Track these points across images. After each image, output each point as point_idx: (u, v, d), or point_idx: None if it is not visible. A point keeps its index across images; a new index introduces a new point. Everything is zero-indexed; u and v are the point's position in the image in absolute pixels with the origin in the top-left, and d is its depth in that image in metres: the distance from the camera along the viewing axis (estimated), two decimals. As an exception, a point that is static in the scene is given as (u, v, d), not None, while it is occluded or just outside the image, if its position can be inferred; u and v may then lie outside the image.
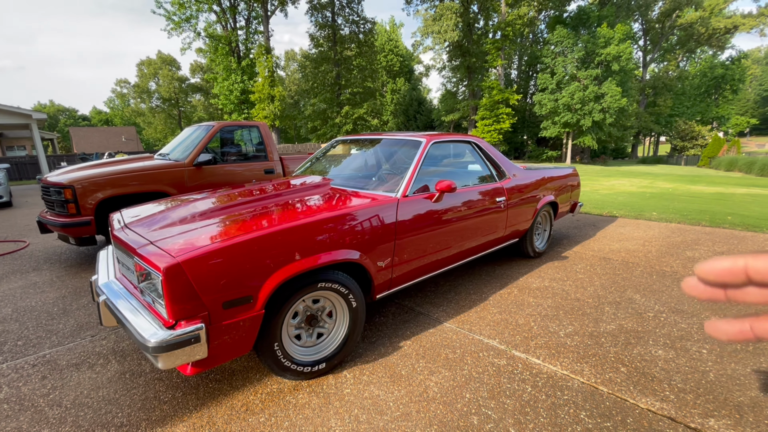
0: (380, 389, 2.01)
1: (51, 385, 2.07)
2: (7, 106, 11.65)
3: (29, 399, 1.96)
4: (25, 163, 20.00)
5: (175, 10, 25.62)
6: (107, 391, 2.02)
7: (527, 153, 35.43)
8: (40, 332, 2.65)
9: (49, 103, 60.52)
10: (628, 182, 13.04)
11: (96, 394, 2.00)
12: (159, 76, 48.81)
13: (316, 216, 2.01)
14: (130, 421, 1.80)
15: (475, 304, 3.00)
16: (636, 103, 31.31)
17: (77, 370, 2.20)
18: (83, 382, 2.09)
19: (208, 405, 1.91)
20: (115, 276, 2.13)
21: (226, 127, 4.97)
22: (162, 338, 1.50)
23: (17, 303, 3.14)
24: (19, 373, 2.18)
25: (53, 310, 3.00)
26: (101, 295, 1.94)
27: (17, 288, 3.48)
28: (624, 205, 7.39)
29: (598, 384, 2.02)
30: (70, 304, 3.09)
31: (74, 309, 3.00)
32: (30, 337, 2.58)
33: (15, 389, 2.04)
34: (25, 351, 2.41)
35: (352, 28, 27.65)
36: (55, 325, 2.75)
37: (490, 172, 3.36)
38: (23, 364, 2.27)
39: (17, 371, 2.20)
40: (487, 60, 29.08)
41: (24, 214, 7.84)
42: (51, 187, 3.91)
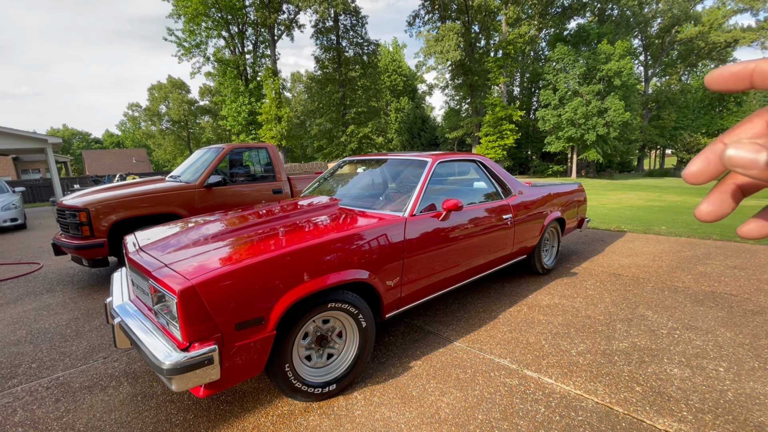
0: (391, 411, 2.00)
1: (64, 408, 2.09)
2: (25, 132, 12.04)
3: (43, 422, 1.98)
4: (39, 186, 20.48)
5: (186, 36, 26.55)
6: (119, 414, 2.02)
7: (532, 168, 35.48)
8: (54, 354, 2.68)
9: (62, 127, 62.31)
10: (635, 196, 12.97)
11: (108, 417, 2.01)
12: (169, 100, 50.19)
13: (325, 237, 2.05)
14: (142, 444, 1.80)
15: (484, 323, 2.98)
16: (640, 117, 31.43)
17: (90, 393, 2.22)
18: (96, 405, 2.10)
19: (220, 428, 1.91)
20: (129, 298, 2.16)
21: (235, 149, 5.09)
22: (176, 360, 1.52)
23: (31, 325, 3.19)
24: (33, 396, 2.20)
25: (66, 332, 3.03)
26: (116, 317, 1.97)
27: (31, 310, 3.53)
28: (632, 220, 7.35)
29: (613, 404, 1.99)
30: (83, 326, 3.13)
31: (87, 331, 3.04)
32: (44, 360, 2.61)
33: (29, 412, 2.06)
34: (39, 373, 2.44)
35: (357, 50, 28.36)
36: (68, 347, 2.78)
37: (495, 190, 3.39)
38: (37, 387, 2.29)
39: (31, 394, 2.22)
40: (490, 78, 29.52)
41: (38, 236, 7.99)
42: (66, 210, 4.01)
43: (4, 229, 8.84)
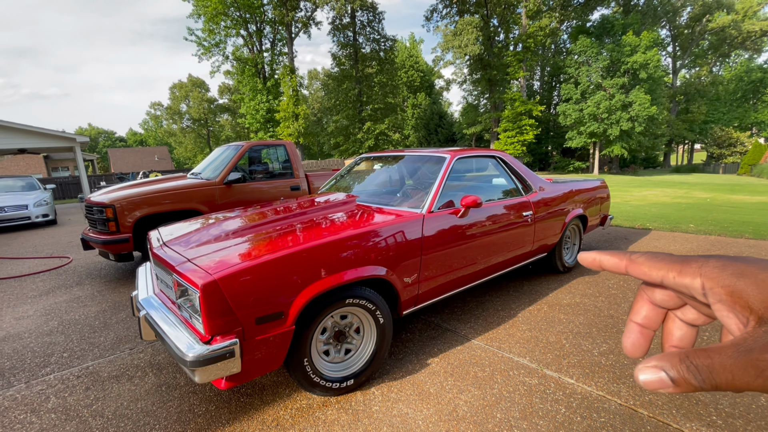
0: (409, 407, 2.00)
1: (94, 396, 2.17)
2: (55, 131, 12.56)
3: (74, 409, 2.06)
4: (68, 183, 21.34)
5: (206, 36, 27.07)
6: (145, 403, 2.09)
7: (552, 164, 34.71)
8: (84, 345, 2.79)
9: (88, 126, 64.62)
10: (661, 192, 12.53)
11: (135, 405, 2.08)
12: (189, 98, 51.35)
13: (342, 233, 2.06)
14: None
15: (503, 321, 2.94)
16: (667, 111, 30.27)
17: (117, 382, 2.30)
18: (123, 394, 2.18)
19: (240, 419, 1.95)
20: (153, 291, 2.23)
21: (254, 146, 5.16)
22: (199, 353, 1.55)
23: (63, 316, 3.33)
24: (65, 384, 2.30)
25: (95, 323, 3.15)
26: (141, 310, 2.04)
27: (62, 302, 3.69)
28: (657, 217, 7.10)
29: (638, 406, 1.93)
30: (110, 318, 3.24)
31: (114, 323, 3.15)
32: (74, 350, 2.72)
33: (62, 399, 2.15)
34: (71, 362, 2.55)
35: (373, 46, 28.29)
36: (97, 337, 2.89)
37: (515, 186, 3.33)
38: (68, 375, 2.39)
39: (63, 382, 2.32)
40: (509, 72, 28.98)
41: (67, 231, 8.34)
42: (94, 206, 4.16)
43: (37, 225, 9.25)
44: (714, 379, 0.23)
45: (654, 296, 0.32)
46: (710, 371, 0.23)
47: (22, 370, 2.48)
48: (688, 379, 0.24)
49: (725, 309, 0.26)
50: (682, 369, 0.24)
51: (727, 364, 0.23)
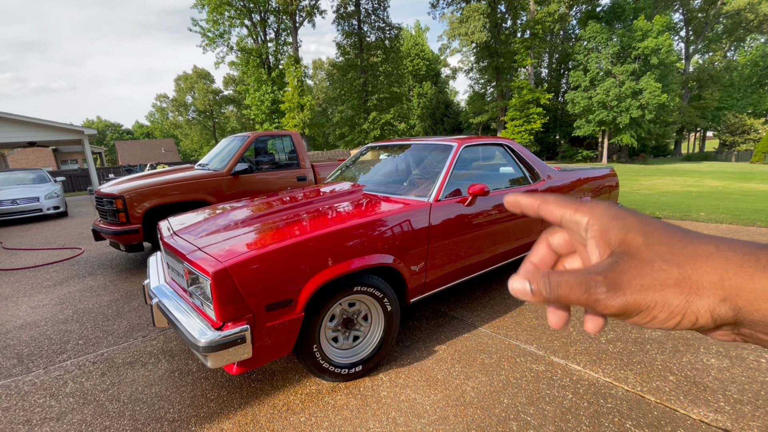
0: (417, 393, 2.02)
1: (110, 381, 2.23)
2: (63, 124, 12.68)
3: (91, 394, 2.13)
4: (77, 176, 21.60)
5: (210, 26, 26.93)
6: (159, 388, 2.15)
7: (560, 153, 34.28)
8: (98, 332, 2.86)
9: (96, 119, 65.06)
10: (672, 181, 12.36)
11: (149, 390, 2.14)
12: (195, 90, 51.33)
13: (349, 222, 2.07)
14: (181, 416, 1.91)
15: (510, 309, 2.95)
16: (678, 98, 29.60)
17: (132, 368, 2.36)
18: (137, 379, 2.24)
19: (252, 404, 1.99)
20: (165, 280, 2.27)
21: (260, 137, 5.17)
22: (211, 339, 1.59)
23: (77, 305, 3.41)
24: (81, 370, 2.37)
25: (108, 312, 3.22)
26: (154, 298, 2.08)
27: (76, 291, 3.77)
28: (668, 206, 7.02)
29: (645, 393, 1.94)
30: (123, 307, 3.31)
31: (126, 311, 3.22)
32: (89, 337, 2.79)
33: (79, 384, 2.22)
34: (86, 349, 2.61)
35: (378, 34, 27.93)
36: (111, 325, 2.96)
37: (523, 174, 3.30)
38: (84, 362, 2.46)
39: (80, 368, 2.39)
40: (516, 60, 28.48)
41: (78, 223, 8.47)
42: (104, 197, 4.21)
43: (48, 217, 9.41)
44: (558, 291, 0.27)
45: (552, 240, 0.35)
46: (557, 285, 0.27)
47: (40, 356, 2.56)
48: (541, 290, 0.28)
49: (594, 244, 0.29)
50: (540, 282, 0.28)
51: (570, 280, 0.27)
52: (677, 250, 0.26)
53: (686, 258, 0.26)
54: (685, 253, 0.26)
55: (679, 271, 0.25)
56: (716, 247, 0.25)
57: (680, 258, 0.26)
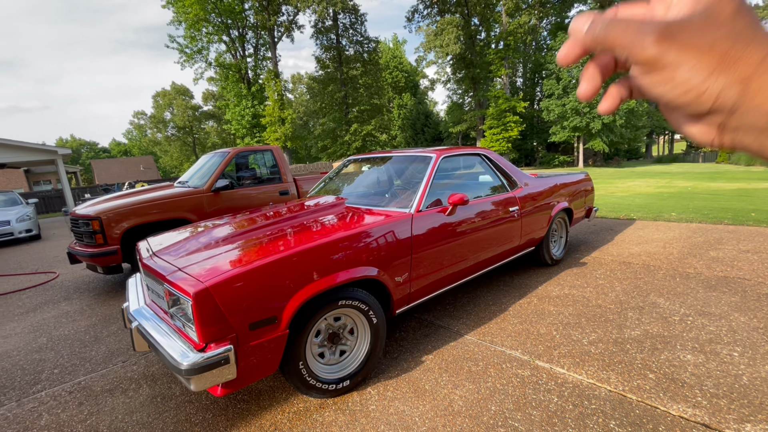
0: (405, 404, 2.02)
1: (88, 411, 2.15)
2: (36, 144, 12.28)
3: (68, 425, 2.04)
4: (51, 197, 20.87)
5: (188, 43, 26.75)
6: (141, 415, 2.08)
7: (538, 159, 35.18)
8: (75, 360, 2.75)
9: (70, 137, 63.31)
10: (645, 183, 12.82)
11: (130, 418, 2.06)
12: (173, 106, 50.66)
13: (332, 236, 2.08)
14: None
15: (494, 315, 2.99)
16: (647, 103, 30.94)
17: (111, 396, 2.28)
18: (117, 407, 2.16)
19: (238, 426, 1.95)
20: (145, 302, 2.22)
21: (241, 152, 5.14)
22: (194, 361, 1.56)
23: (51, 332, 3.27)
24: (57, 401, 2.27)
25: (85, 337, 3.11)
26: (133, 321, 2.02)
27: (50, 318, 3.63)
28: (641, 207, 7.27)
29: (626, 392, 1.99)
30: (101, 332, 3.20)
31: (105, 336, 3.11)
32: (65, 365, 2.68)
33: (54, 416, 2.13)
34: (62, 378, 2.51)
35: (357, 48, 28.32)
36: (88, 352, 2.86)
37: (501, 183, 3.39)
38: (60, 392, 2.36)
39: (55, 399, 2.29)
40: (492, 70, 29.30)
41: (52, 245, 8.16)
42: (79, 219, 4.09)
43: (20, 240, 9.04)
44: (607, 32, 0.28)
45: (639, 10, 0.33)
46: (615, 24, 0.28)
47: (12, 388, 2.44)
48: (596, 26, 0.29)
49: None
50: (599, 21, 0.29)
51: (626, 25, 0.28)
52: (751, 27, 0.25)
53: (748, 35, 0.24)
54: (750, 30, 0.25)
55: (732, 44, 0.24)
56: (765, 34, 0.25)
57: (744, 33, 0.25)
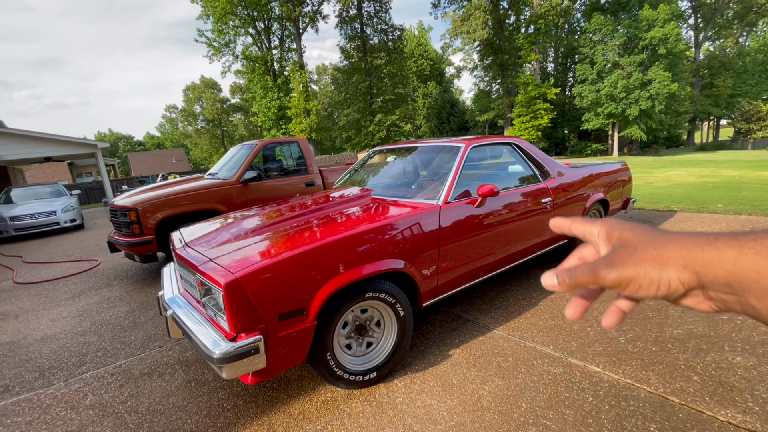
0: (432, 398, 2.00)
1: (128, 393, 2.26)
2: (77, 138, 12.97)
3: (111, 406, 2.15)
4: (92, 188, 22.07)
5: (215, 36, 27.31)
6: (176, 399, 2.16)
7: (569, 148, 33.84)
8: (116, 343, 2.90)
9: (108, 132, 66.41)
10: (686, 172, 12.09)
11: (167, 401, 2.15)
12: (203, 99, 52.10)
13: (358, 228, 2.06)
14: (199, 427, 1.92)
15: (524, 310, 2.90)
16: (690, 86, 29.00)
17: (149, 379, 2.38)
18: (155, 390, 2.26)
19: (267, 413, 1.99)
20: (179, 291, 2.29)
21: (268, 144, 5.21)
22: (225, 350, 1.59)
23: (94, 317, 3.46)
24: (100, 382, 2.40)
25: (125, 323, 3.27)
26: (168, 309, 2.09)
27: (93, 303, 3.84)
28: (683, 198, 6.86)
29: (668, 394, 1.88)
30: (139, 317, 3.36)
31: (143, 322, 3.26)
32: (107, 348, 2.83)
33: (98, 396, 2.25)
34: (104, 361, 2.65)
35: (381, 36, 27.98)
36: (128, 336, 3.00)
37: (533, 173, 3.26)
38: (103, 374, 2.49)
39: (99, 380, 2.42)
40: (521, 56, 28.24)
41: (94, 234, 8.64)
42: (117, 210, 4.28)
43: (66, 229, 9.62)
44: (575, 278, 0.38)
45: (582, 252, 0.44)
46: (575, 273, 0.38)
47: (60, 369, 2.60)
48: (564, 279, 0.38)
49: (603, 243, 0.40)
50: (563, 274, 0.39)
51: (584, 268, 0.38)
52: (654, 238, 0.36)
53: (660, 242, 0.35)
54: (659, 240, 0.35)
55: (654, 251, 0.34)
56: (681, 236, 0.34)
57: (656, 242, 0.35)
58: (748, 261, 0.28)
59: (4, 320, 3.59)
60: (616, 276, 0.35)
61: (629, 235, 0.37)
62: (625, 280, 0.35)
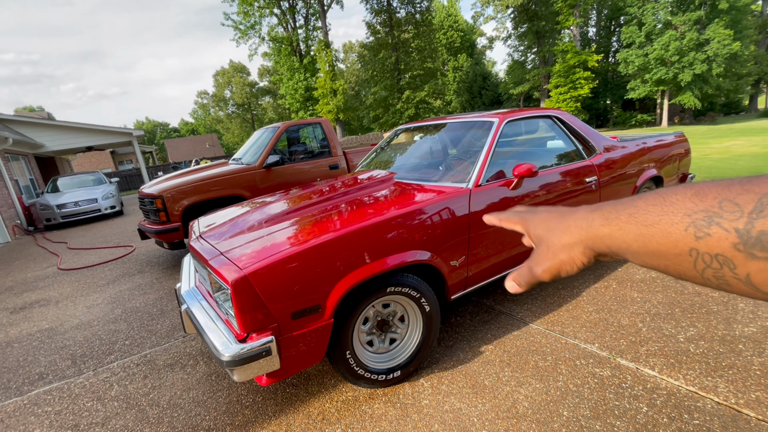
0: (461, 401, 1.83)
1: (151, 385, 2.25)
2: (113, 127, 13.49)
3: (134, 398, 2.14)
4: (132, 175, 23.19)
5: (241, 19, 27.27)
6: (196, 393, 2.12)
7: (611, 120, 31.59)
8: (143, 332, 2.92)
9: (146, 120, 69.22)
10: (749, 141, 10.89)
11: (187, 395, 2.11)
12: (232, 84, 52.85)
13: (379, 217, 1.86)
14: (216, 425, 1.86)
15: (565, 301, 2.64)
16: (754, 45, 25.90)
17: (172, 371, 2.37)
18: (176, 383, 2.23)
19: (286, 412, 1.90)
20: (195, 284, 2.21)
21: (290, 126, 5.07)
22: (234, 352, 1.48)
23: (125, 304, 3.54)
24: (126, 372, 2.41)
25: (153, 310, 3.31)
26: (183, 303, 2.02)
27: (126, 290, 3.93)
28: (748, 171, 6.13)
29: (741, 406, 1.60)
30: (166, 305, 3.39)
31: (169, 310, 3.28)
32: (135, 337, 2.86)
33: (123, 387, 2.25)
34: (131, 350, 2.67)
35: (408, 9, 26.82)
36: (155, 325, 3.02)
37: (576, 148, 2.91)
38: (129, 363, 2.51)
39: (125, 370, 2.44)
40: (559, 21, 26.22)
41: (132, 221, 9.01)
42: (145, 197, 4.32)
43: (106, 216, 10.11)
44: (525, 279, 0.46)
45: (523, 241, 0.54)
46: (522, 276, 0.46)
47: (91, 357, 2.65)
48: (520, 282, 0.47)
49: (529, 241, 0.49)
50: (517, 278, 0.47)
51: (525, 271, 0.46)
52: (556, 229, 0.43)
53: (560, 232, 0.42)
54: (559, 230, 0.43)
55: (560, 241, 0.42)
56: (572, 219, 0.42)
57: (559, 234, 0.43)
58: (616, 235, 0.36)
59: (46, 306, 3.76)
60: (546, 272, 0.43)
61: (541, 233, 0.45)
62: (554, 272, 0.43)
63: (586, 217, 0.40)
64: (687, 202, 0.31)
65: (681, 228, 0.31)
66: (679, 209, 0.31)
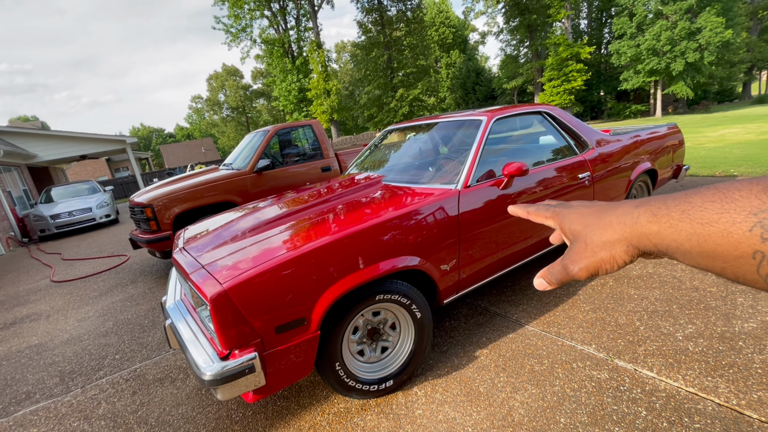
0: (456, 410, 1.78)
1: (140, 401, 2.19)
2: (106, 135, 13.39)
3: (122, 416, 2.09)
4: (128, 183, 23.06)
5: (232, 22, 27.09)
6: (186, 409, 2.07)
7: (606, 111, 31.54)
8: (134, 345, 2.87)
9: (141, 126, 68.90)
10: (743, 129, 10.86)
11: (176, 411, 2.06)
12: (226, 87, 52.61)
13: (365, 223, 1.80)
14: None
15: (561, 301, 2.59)
16: (746, 32, 25.92)
17: (161, 385, 2.31)
18: (166, 398, 2.18)
19: (276, 426, 1.85)
20: (181, 297, 2.16)
21: (280, 129, 5.00)
22: (216, 371, 1.42)
23: (117, 316, 3.47)
24: (115, 389, 2.35)
25: (144, 322, 3.25)
26: (167, 318, 1.96)
27: (118, 301, 3.87)
28: (743, 160, 6.09)
29: (744, 407, 1.56)
30: (158, 316, 3.33)
31: (161, 320, 3.22)
32: (125, 351, 2.80)
33: (111, 405, 2.20)
34: (121, 365, 2.62)
35: (399, 6, 26.70)
36: (146, 337, 2.96)
37: (567, 144, 2.86)
38: (118, 379, 2.45)
39: (113, 386, 2.38)
40: (550, 14, 26.16)
41: (127, 229, 8.92)
42: (135, 206, 4.26)
43: (101, 225, 10.02)
44: (557, 277, 0.43)
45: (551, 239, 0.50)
46: (553, 273, 0.43)
47: (80, 373, 2.59)
48: (550, 280, 0.44)
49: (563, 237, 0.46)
50: (547, 276, 0.44)
51: (558, 268, 0.43)
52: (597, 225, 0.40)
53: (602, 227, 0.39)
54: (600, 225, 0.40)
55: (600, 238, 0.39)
56: (615, 216, 0.39)
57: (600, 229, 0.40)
58: (666, 233, 0.33)
59: (36, 321, 3.69)
60: (583, 270, 0.40)
61: (577, 229, 0.42)
62: (592, 270, 0.40)
63: (631, 212, 0.37)
64: (753, 199, 0.28)
65: (745, 228, 0.28)
66: (743, 207, 0.29)
